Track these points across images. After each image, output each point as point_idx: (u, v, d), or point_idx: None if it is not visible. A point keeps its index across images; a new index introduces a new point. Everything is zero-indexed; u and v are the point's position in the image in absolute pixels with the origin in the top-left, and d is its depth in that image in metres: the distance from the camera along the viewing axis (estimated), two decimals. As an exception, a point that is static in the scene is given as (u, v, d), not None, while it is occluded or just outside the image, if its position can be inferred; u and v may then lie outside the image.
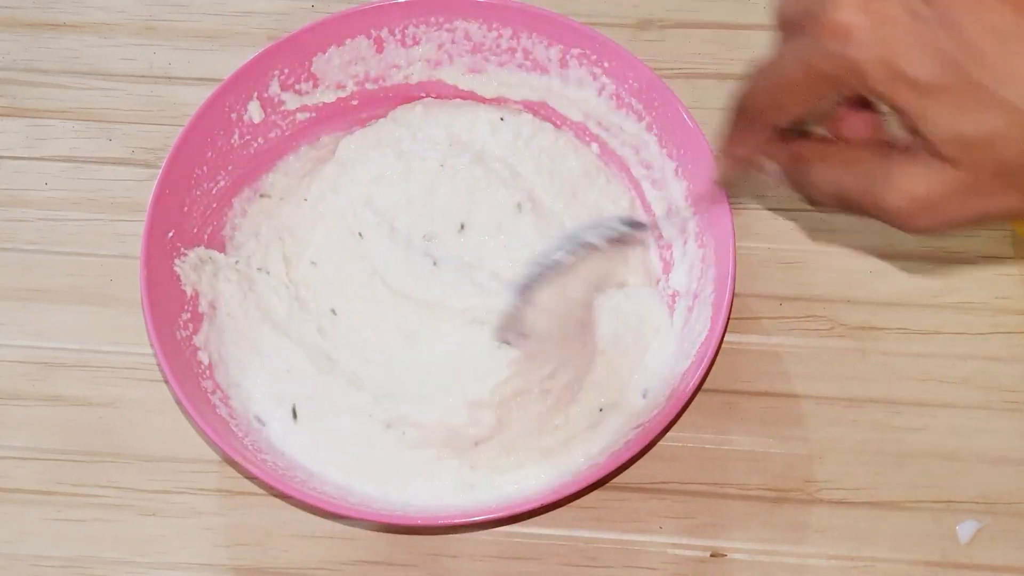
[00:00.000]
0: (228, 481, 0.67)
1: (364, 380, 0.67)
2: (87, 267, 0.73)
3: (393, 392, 0.67)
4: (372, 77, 0.75)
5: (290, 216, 0.72)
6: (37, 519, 0.66)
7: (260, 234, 0.72)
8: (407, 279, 0.69)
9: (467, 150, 0.73)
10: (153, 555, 0.65)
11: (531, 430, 0.65)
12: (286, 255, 0.71)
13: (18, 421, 0.68)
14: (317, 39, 0.73)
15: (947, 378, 0.69)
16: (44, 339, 0.71)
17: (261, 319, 0.69)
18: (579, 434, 0.66)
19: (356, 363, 0.68)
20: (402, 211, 0.71)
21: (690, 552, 0.65)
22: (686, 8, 0.80)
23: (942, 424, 0.68)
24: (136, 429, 0.68)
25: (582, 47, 0.73)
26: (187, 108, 0.72)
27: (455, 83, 0.76)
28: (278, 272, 0.71)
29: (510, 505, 0.61)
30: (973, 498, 0.66)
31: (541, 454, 0.65)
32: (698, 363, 0.64)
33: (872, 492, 0.66)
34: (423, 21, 0.74)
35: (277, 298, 0.70)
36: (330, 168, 0.74)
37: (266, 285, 0.70)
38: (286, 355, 0.68)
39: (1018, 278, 0.72)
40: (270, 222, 0.72)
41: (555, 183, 0.72)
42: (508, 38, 0.74)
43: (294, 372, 0.68)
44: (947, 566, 0.65)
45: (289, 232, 0.72)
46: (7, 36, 0.80)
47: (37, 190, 0.75)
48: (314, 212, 0.72)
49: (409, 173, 0.72)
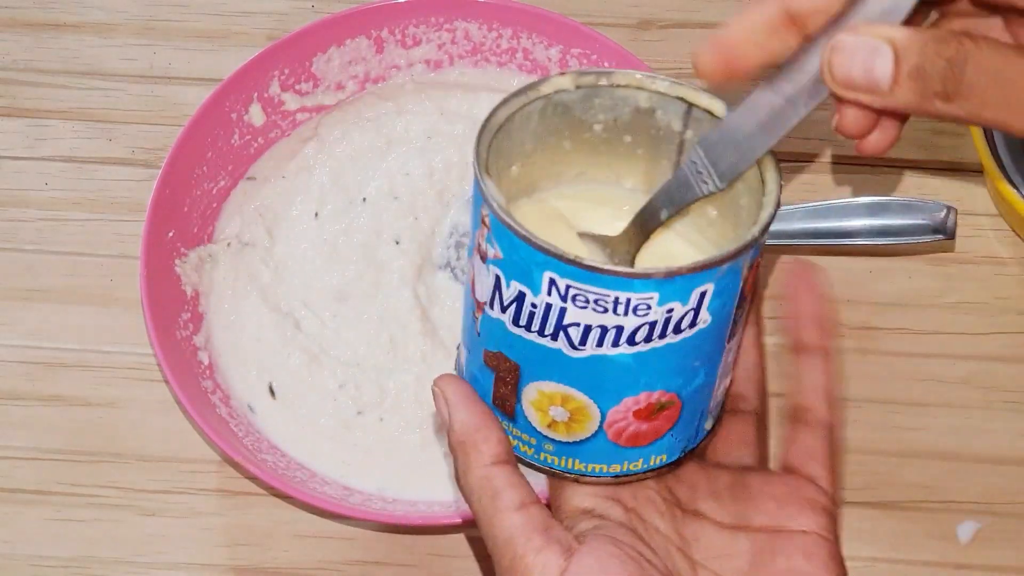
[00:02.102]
0: (228, 481, 0.67)
1: (330, 350, 0.68)
2: (87, 267, 0.73)
3: (362, 364, 0.68)
4: (372, 77, 0.75)
5: (268, 194, 0.73)
6: (37, 519, 0.66)
7: (244, 212, 0.72)
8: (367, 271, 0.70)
9: (461, 119, 0.74)
10: (153, 555, 0.65)
11: None
12: (267, 229, 0.71)
13: (18, 421, 0.68)
14: (317, 39, 0.73)
15: (947, 378, 0.69)
16: (44, 339, 0.71)
17: (247, 291, 0.70)
18: None
19: (331, 342, 0.69)
20: (374, 188, 0.72)
21: (690, 552, 0.65)
22: (686, 8, 0.80)
23: (942, 424, 0.68)
24: (136, 429, 0.68)
25: (582, 47, 0.73)
26: (187, 108, 0.72)
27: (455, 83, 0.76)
28: (262, 245, 0.71)
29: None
30: (973, 498, 0.66)
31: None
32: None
33: (872, 492, 0.66)
34: (423, 21, 0.74)
35: (264, 266, 0.70)
36: (311, 146, 0.74)
37: (252, 256, 0.70)
38: (269, 332, 0.69)
39: (1018, 278, 0.72)
40: (253, 202, 0.72)
41: None
42: (508, 38, 0.74)
43: (274, 348, 0.68)
44: (947, 566, 0.65)
45: (268, 209, 0.72)
46: (7, 36, 0.80)
47: (37, 190, 0.75)
48: (290, 189, 0.73)
49: (389, 148, 0.73)
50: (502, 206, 0.41)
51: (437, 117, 0.74)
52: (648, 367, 0.42)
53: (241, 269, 0.70)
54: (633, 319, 0.40)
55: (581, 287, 0.40)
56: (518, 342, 0.43)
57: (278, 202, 0.72)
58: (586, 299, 0.40)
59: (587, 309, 0.40)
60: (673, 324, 0.41)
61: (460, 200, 0.71)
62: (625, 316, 0.40)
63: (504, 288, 0.42)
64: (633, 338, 0.41)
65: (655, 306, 0.40)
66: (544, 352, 0.42)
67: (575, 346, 0.41)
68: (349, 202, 0.72)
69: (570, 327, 0.41)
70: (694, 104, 0.45)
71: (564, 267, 0.39)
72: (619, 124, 0.47)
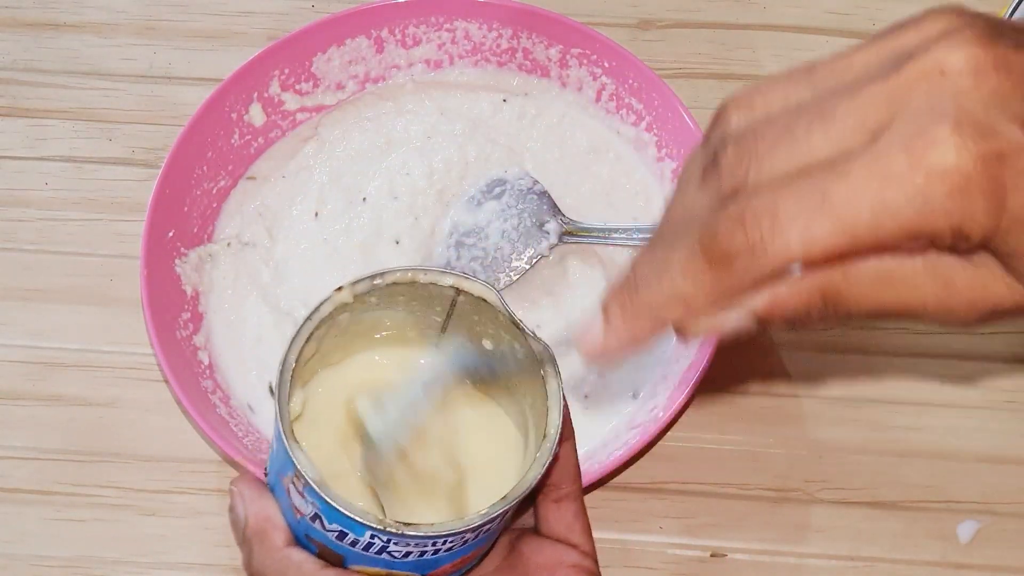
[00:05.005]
0: (228, 481, 0.67)
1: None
2: (87, 267, 0.73)
3: None
4: (372, 77, 0.75)
5: (267, 194, 0.73)
6: (37, 519, 0.66)
7: (244, 212, 0.72)
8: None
9: (461, 119, 0.74)
10: (153, 555, 0.65)
11: None
12: (268, 228, 0.71)
13: (18, 421, 0.68)
14: (317, 39, 0.73)
15: (947, 378, 0.69)
16: (44, 339, 0.71)
17: (247, 291, 0.70)
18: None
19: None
20: (374, 188, 0.72)
21: (690, 552, 0.65)
22: (686, 8, 0.80)
23: (942, 424, 0.68)
24: (136, 429, 0.68)
25: (582, 47, 0.73)
26: (187, 108, 0.72)
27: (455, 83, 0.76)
28: (263, 245, 0.71)
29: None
30: (973, 498, 0.66)
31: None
32: (698, 363, 0.64)
33: (872, 492, 0.66)
34: (423, 21, 0.74)
35: (264, 266, 0.70)
36: (311, 146, 0.74)
37: (252, 256, 0.70)
38: (269, 332, 0.69)
39: (1018, 278, 0.72)
40: (253, 202, 0.72)
41: (564, 161, 0.73)
42: (508, 38, 0.74)
43: (274, 348, 0.68)
44: (947, 566, 0.65)
45: (267, 208, 0.72)
46: (7, 36, 0.80)
47: (37, 190, 0.75)
48: (290, 189, 0.73)
49: (389, 148, 0.73)
50: (318, 482, 0.45)
51: (437, 117, 0.74)
52: (466, 551, 0.49)
53: (241, 269, 0.70)
54: (444, 546, 0.47)
55: (401, 543, 0.46)
56: (342, 548, 0.47)
57: (278, 202, 0.72)
58: (407, 544, 0.46)
59: (411, 547, 0.46)
60: (480, 536, 0.48)
61: (460, 200, 0.71)
62: (437, 547, 0.47)
63: (325, 523, 0.47)
64: (449, 548, 0.47)
65: (466, 536, 0.47)
66: (369, 557, 0.47)
67: (398, 559, 0.47)
68: (349, 202, 0.72)
69: (393, 551, 0.47)
70: (462, 290, 0.50)
71: (386, 533, 0.45)
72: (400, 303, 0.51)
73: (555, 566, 0.51)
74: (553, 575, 0.51)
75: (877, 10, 0.79)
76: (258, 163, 0.73)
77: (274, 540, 0.49)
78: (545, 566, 0.51)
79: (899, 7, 0.78)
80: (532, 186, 0.70)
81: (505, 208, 0.69)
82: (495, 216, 0.70)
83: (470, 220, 0.70)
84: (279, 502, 0.49)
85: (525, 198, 0.70)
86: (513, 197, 0.70)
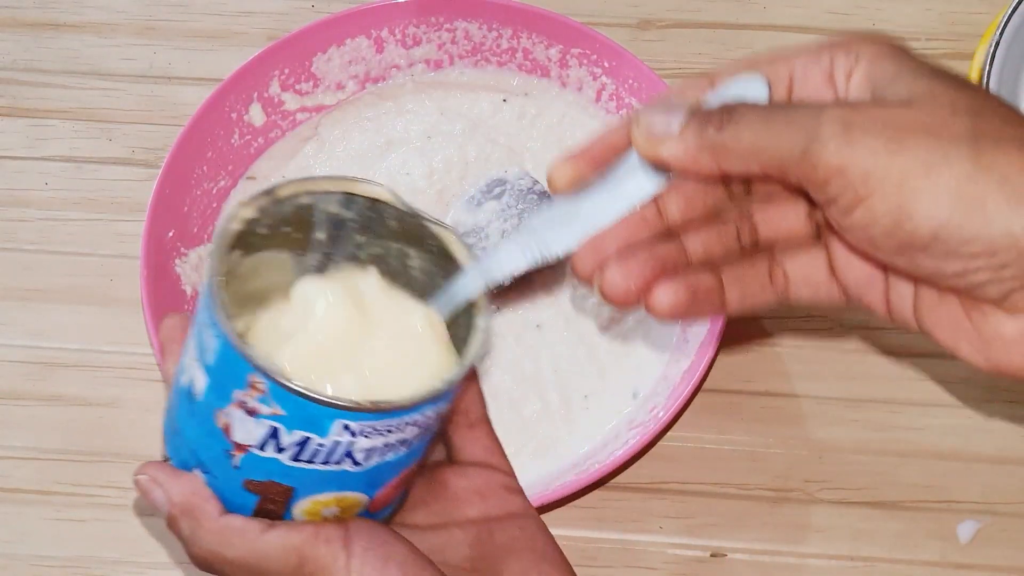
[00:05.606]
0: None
1: None
2: (87, 267, 0.73)
3: None
4: (372, 77, 0.75)
5: None
6: (37, 519, 0.66)
7: None
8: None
9: (461, 119, 0.74)
10: (153, 555, 0.65)
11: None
12: None
13: (18, 421, 0.68)
14: (317, 39, 0.73)
15: (947, 378, 0.69)
16: (44, 339, 0.71)
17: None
18: (568, 426, 0.66)
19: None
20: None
21: (690, 552, 0.65)
22: (686, 8, 0.80)
23: (942, 424, 0.68)
24: (136, 429, 0.68)
25: (582, 47, 0.73)
26: (187, 108, 0.72)
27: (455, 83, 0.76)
28: None
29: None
30: (973, 498, 0.66)
31: (535, 450, 0.66)
32: (698, 363, 0.64)
33: (872, 492, 0.66)
34: (423, 21, 0.74)
35: None
36: (311, 146, 0.74)
37: None
38: None
39: (1018, 278, 0.72)
40: None
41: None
42: (508, 38, 0.74)
43: None
44: (947, 566, 0.65)
45: None
46: (7, 36, 0.80)
47: (37, 190, 0.75)
48: None
49: (389, 148, 0.73)
50: (284, 375, 0.43)
51: (437, 117, 0.74)
52: (414, 454, 0.47)
53: None
54: (412, 431, 0.45)
55: (372, 425, 0.44)
56: (295, 471, 0.45)
57: None
58: (375, 429, 0.44)
59: (374, 437, 0.44)
60: (428, 426, 0.46)
61: (460, 200, 0.71)
62: (404, 431, 0.45)
63: (284, 435, 0.44)
64: (410, 442, 0.46)
65: (430, 415, 0.46)
66: (324, 474, 0.45)
67: (358, 463, 0.45)
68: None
69: (356, 453, 0.44)
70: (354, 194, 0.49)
71: (358, 415, 0.43)
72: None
73: (485, 489, 0.50)
74: (486, 499, 0.50)
75: (877, 10, 0.79)
76: (258, 163, 0.73)
77: (208, 511, 0.46)
78: (475, 491, 0.50)
79: (899, 7, 0.78)
80: (532, 186, 0.70)
81: (505, 208, 0.69)
82: (495, 216, 0.70)
83: (470, 220, 0.70)
84: (204, 465, 0.47)
85: (525, 198, 0.70)
86: (513, 197, 0.70)
